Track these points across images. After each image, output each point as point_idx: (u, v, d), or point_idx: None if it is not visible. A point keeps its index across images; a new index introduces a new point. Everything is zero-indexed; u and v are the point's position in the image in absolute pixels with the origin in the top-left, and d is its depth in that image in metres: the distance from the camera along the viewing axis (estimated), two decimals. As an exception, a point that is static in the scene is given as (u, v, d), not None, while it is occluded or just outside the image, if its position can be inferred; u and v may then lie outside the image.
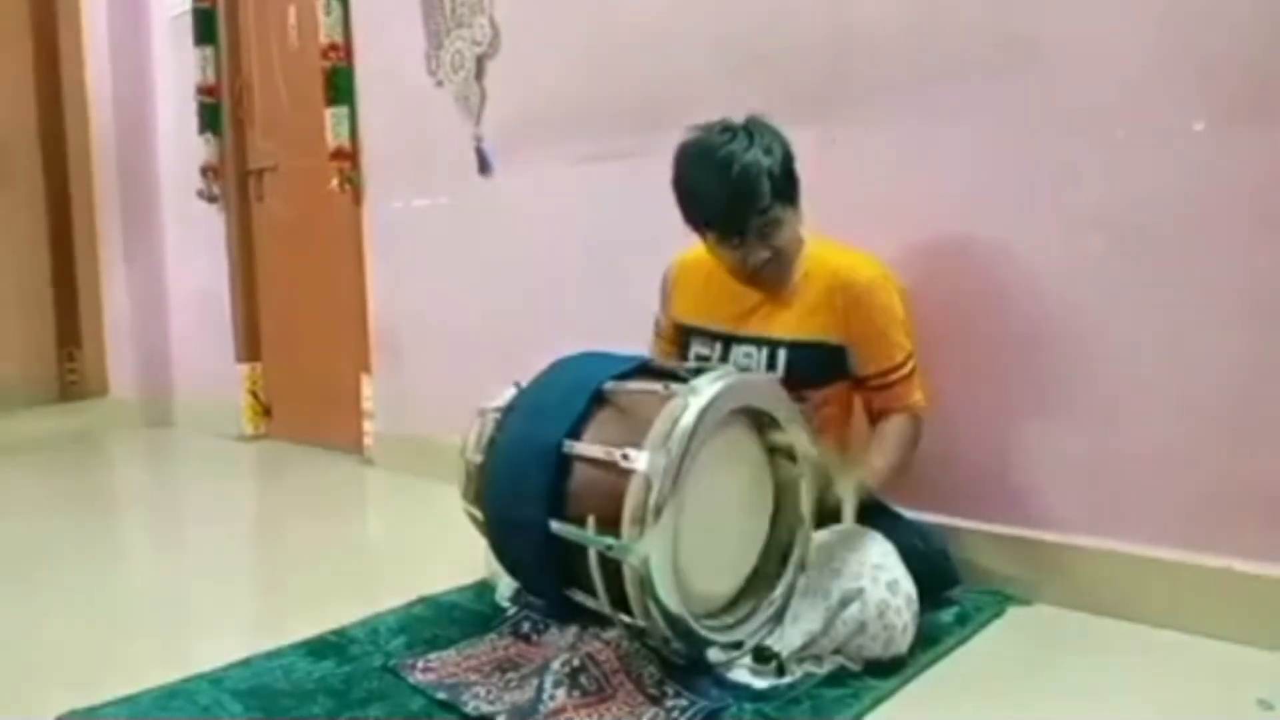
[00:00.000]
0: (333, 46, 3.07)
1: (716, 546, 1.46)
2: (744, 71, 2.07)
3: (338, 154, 3.10)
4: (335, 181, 3.10)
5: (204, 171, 3.73)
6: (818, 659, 1.46)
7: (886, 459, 1.64)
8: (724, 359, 1.72)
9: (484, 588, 1.83)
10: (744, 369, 1.66)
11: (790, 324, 1.68)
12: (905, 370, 1.67)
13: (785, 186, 1.61)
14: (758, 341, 1.69)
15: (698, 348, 1.77)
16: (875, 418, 1.73)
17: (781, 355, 1.67)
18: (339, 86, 3.09)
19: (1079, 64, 1.67)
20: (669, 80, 2.22)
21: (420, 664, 1.51)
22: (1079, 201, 1.69)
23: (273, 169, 3.66)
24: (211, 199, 3.76)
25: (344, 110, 3.10)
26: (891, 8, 1.87)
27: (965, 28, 1.78)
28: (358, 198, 3.15)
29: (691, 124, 1.65)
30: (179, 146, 3.91)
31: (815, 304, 1.67)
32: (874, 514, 1.65)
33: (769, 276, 1.68)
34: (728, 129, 1.60)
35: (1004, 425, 1.80)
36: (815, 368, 1.66)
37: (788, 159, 1.62)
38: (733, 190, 1.57)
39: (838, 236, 1.74)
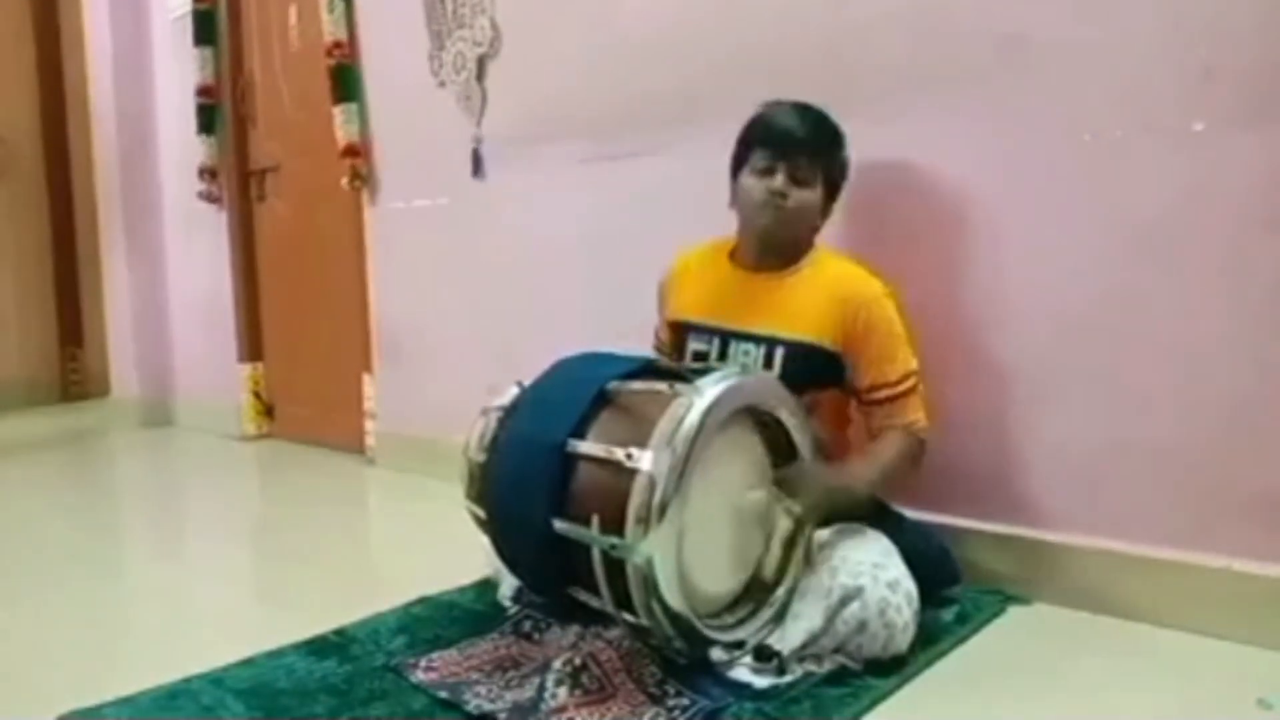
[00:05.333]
0: (337, 44, 3.06)
1: (719, 546, 1.47)
2: (744, 72, 2.07)
3: (348, 151, 3.06)
4: (346, 179, 3.07)
5: (202, 173, 3.73)
6: (818, 658, 1.46)
7: (869, 468, 1.63)
8: (722, 356, 1.71)
9: (485, 587, 1.83)
10: (743, 367, 1.66)
11: (788, 320, 1.67)
12: (903, 387, 1.65)
13: (841, 171, 1.73)
14: (756, 339, 1.68)
15: (695, 344, 1.75)
16: (874, 436, 1.70)
17: (779, 354, 1.66)
18: (346, 84, 3.07)
19: (1079, 64, 1.67)
20: (669, 81, 2.22)
21: (422, 663, 1.51)
22: (1078, 202, 1.69)
23: (274, 169, 3.66)
24: (211, 200, 3.76)
25: (353, 107, 3.07)
26: (892, 10, 1.87)
27: (964, 30, 1.78)
28: (371, 195, 3.12)
29: (697, 123, 1.67)
30: (181, 147, 3.91)
31: (817, 306, 1.66)
32: (875, 514, 1.66)
33: (774, 233, 1.69)
34: None
35: (1004, 425, 1.80)
36: (809, 370, 1.65)
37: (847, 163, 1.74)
38: (816, 119, 1.69)
39: (836, 236, 1.75)
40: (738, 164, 1.74)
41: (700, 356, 1.73)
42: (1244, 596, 1.54)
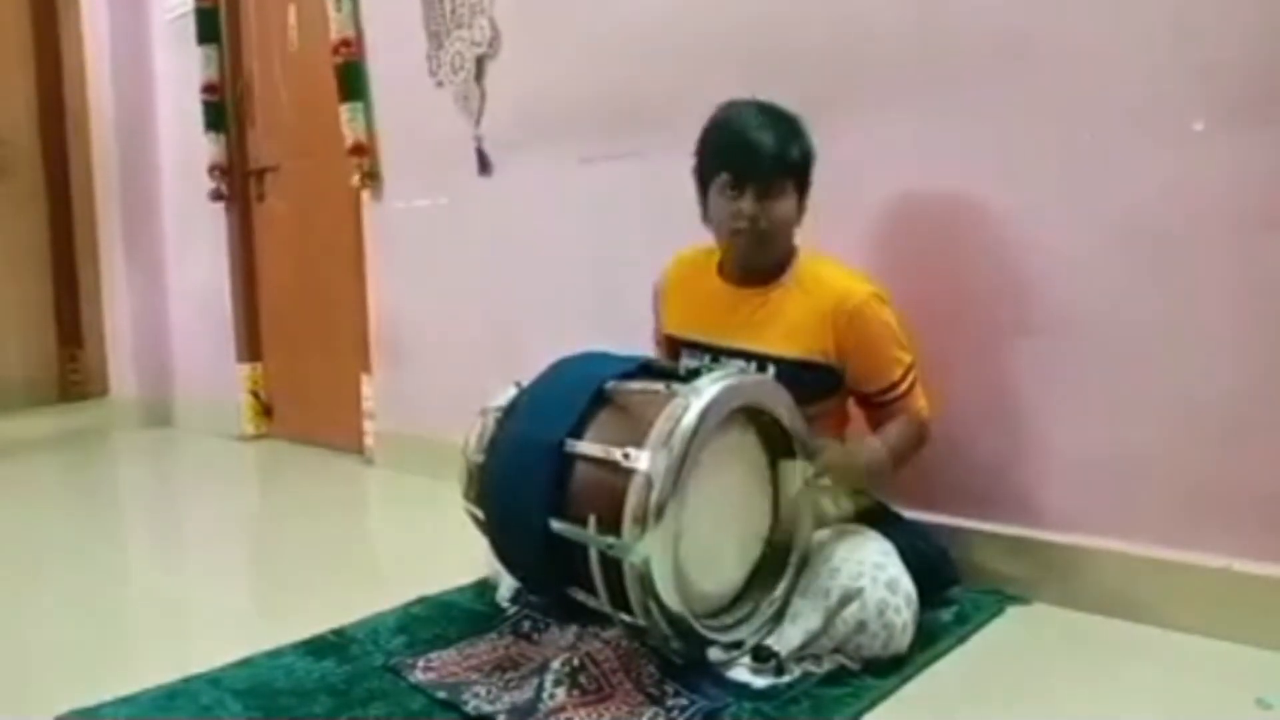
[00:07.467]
0: (344, 42, 3.04)
1: (717, 546, 1.47)
2: (743, 72, 2.06)
3: (355, 149, 3.04)
4: (356, 178, 3.05)
5: (211, 171, 3.72)
6: (817, 658, 1.46)
7: (885, 441, 1.64)
8: None
9: (484, 587, 1.83)
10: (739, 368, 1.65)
11: (779, 339, 1.65)
12: (904, 386, 1.65)
13: (809, 164, 1.65)
14: (747, 356, 1.66)
15: (687, 361, 1.71)
16: (877, 427, 1.70)
17: (770, 371, 1.64)
18: (353, 81, 3.05)
19: (1079, 64, 1.67)
20: (668, 81, 2.22)
21: (420, 663, 1.51)
22: (1079, 202, 1.69)
23: (274, 169, 3.66)
24: (221, 198, 3.75)
25: (359, 105, 3.04)
26: (891, 10, 1.87)
27: (966, 29, 1.78)
28: (379, 193, 3.10)
29: (697, 122, 1.66)
30: (180, 147, 3.92)
31: (805, 320, 1.64)
32: (874, 514, 1.66)
33: (753, 256, 1.66)
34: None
35: (1004, 425, 1.80)
36: (806, 385, 1.61)
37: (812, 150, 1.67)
38: (776, 124, 1.61)
39: (837, 235, 1.74)
40: (702, 178, 1.69)
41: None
42: (1244, 596, 1.54)
